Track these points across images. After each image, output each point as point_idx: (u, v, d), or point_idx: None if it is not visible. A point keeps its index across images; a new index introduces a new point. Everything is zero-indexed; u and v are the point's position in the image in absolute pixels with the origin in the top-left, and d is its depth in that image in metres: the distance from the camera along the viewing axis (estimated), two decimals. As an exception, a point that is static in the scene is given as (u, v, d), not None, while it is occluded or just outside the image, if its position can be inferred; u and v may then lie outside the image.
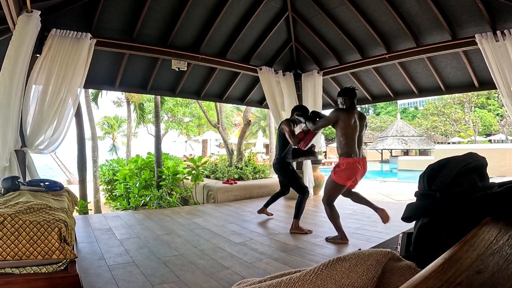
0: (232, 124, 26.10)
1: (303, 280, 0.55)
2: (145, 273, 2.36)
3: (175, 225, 4.01)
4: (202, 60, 5.06)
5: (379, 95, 6.25)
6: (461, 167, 0.78)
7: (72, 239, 1.78)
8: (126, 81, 5.20)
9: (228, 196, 6.00)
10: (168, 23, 4.55)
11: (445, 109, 24.71)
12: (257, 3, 4.79)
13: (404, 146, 24.13)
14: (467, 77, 4.86)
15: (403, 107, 44.58)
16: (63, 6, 3.71)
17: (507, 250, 0.49)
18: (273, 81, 5.83)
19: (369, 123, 35.90)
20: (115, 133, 24.02)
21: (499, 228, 0.59)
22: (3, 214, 1.62)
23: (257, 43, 5.53)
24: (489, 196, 0.74)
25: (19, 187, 2.44)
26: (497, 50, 3.71)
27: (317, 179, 6.46)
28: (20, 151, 3.39)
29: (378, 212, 3.23)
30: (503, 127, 23.35)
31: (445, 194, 0.76)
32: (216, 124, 10.04)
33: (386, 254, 0.58)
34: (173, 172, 7.40)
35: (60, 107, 3.62)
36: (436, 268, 0.43)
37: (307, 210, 4.99)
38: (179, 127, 20.02)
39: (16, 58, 3.12)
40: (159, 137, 9.10)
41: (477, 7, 3.76)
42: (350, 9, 4.63)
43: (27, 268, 1.60)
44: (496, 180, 0.96)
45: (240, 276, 2.31)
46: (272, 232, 3.63)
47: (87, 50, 3.79)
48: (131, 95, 16.61)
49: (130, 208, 6.88)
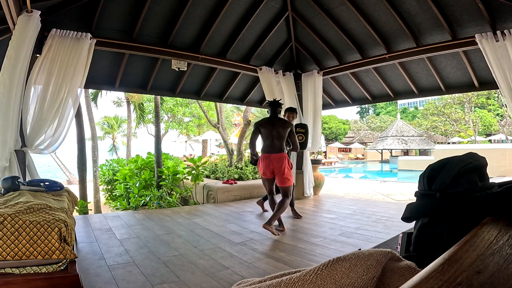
0: (232, 124, 26.10)
1: (303, 280, 0.55)
2: (145, 273, 2.36)
3: (175, 225, 4.01)
4: (202, 60, 5.06)
5: (379, 95, 6.25)
6: (461, 167, 0.78)
7: (72, 239, 1.78)
8: (126, 81, 5.20)
9: (228, 196, 6.00)
10: (168, 23, 4.55)
11: (445, 109, 24.72)
12: (257, 3, 4.80)
13: (404, 146, 24.15)
14: (467, 77, 4.86)
15: (403, 107, 44.62)
16: (63, 6, 3.71)
17: (507, 250, 0.49)
18: (273, 81, 5.84)
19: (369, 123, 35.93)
20: (115, 133, 24.03)
21: (499, 228, 0.59)
22: (3, 214, 1.62)
23: (257, 43, 5.53)
24: (489, 196, 0.74)
25: (19, 187, 2.44)
26: (497, 50, 3.71)
27: (317, 179, 6.46)
28: (20, 151, 3.39)
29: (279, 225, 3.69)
30: (503, 127, 23.35)
31: (445, 194, 0.76)
32: (216, 124, 10.04)
33: (386, 254, 0.58)
34: (173, 172, 7.40)
35: (60, 107, 3.62)
36: (436, 268, 0.43)
37: (307, 210, 4.99)
38: (179, 127, 20.03)
39: (16, 58, 3.12)
40: (159, 137, 9.10)
41: (477, 7, 3.76)
42: (350, 9, 4.63)
43: (27, 268, 1.60)
44: (496, 180, 0.96)
45: (240, 276, 2.31)
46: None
47: (87, 50, 3.79)
48: (131, 95, 16.61)
49: (130, 208, 6.88)
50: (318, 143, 6.28)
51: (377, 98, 6.40)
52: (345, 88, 6.55)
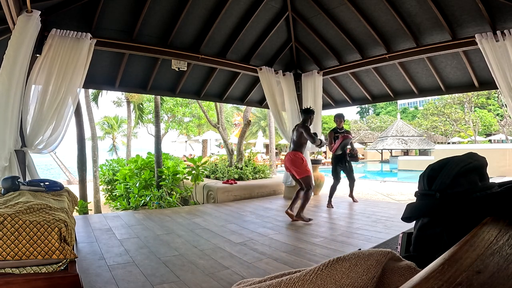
0: (232, 124, 26.10)
1: (303, 280, 0.55)
2: (145, 273, 2.36)
3: (175, 225, 4.01)
4: (202, 60, 5.06)
5: (379, 95, 6.25)
6: (461, 167, 0.78)
7: (72, 239, 1.78)
8: (126, 81, 5.20)
9: (228, 196, 6.00)
10: (168, 23, 4.55)
11: (445, 109, 24.70)
12: (257, 3, 4.80)
13: (404, 146, 24.13)
14: (467, 77, 4.86)
15: (403, 107, 44.59)
16: (63, 6, 3.71)
17: (507, 250, 0.49)
18: (273, 81, 5.83)
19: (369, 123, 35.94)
20: (115, 133, 24.03)
21: (499, 228, 0.59)
22: (3, 214, 1.62)
23: (257, 43, 5.53)
24: (489, 196, 0.74)
25: (19, 187, 2.44)
26: (497, 50, 3.71)
27: (317, 179, 6.46)
28: (20, 151, 3.38)
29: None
30: (503, 127, 23.33)
31: (445, 194, 0.76)
32: (216, 124, 10.03)
33: (386, 254, 0.58)
34: (173, 172, 7.40)
35: (60, 107, 3.62)
36: (436, 268, 0.43)
37: (307, 210, 4.99)
38: (179, 127, 20.02)
39: (15, 58, 3.11)
40: (159, 137, 9.09)
41: (477, 7, 3.76)
42: (350, 9, 4.63)
43: (27, 268, 1.60)
44: (496, 180, 0.96)
45: (240, 276, 2.31)
46: (272, 232, 3.63)
47: (87, 50, 3.79)
48: (131, 95, 16.61)
49: (130, 208, 6.87)
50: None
51: (377, 98, 6.40)
52: (345, 88, 6.55)
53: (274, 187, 6.80)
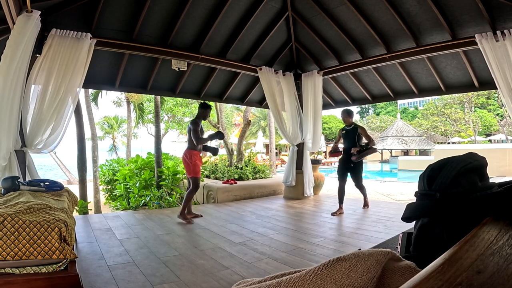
0: (232, 124, 26.09)
1: (303, 280, 0.55)
2: (145, 273, 2.36)
3: (175, 225, 4.01)
4: (202, 60, 5.06)
5: (379, 95, 6.24)
6: (461, 167, 0.78)
7: (72, 239, 1.78)
8: (126, 81, 5.20)
9: (228, 196, 6.00)
10: (168, 23, 4.55)
11: (445, 109, 24.69)
12: (257, 3, 4.79)
13: (404, 146, 24.14)
14: (467, 77, 4.85)
15: (403, 107, 44.59)
16: (63, 6, 3.71)
17: (507, 250, 0.49)
18: (273, 81, 5.83)
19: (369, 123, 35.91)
20: (115, 133, 24.03)
21: (499, 228, 0.59)
22: (3, 214, 1.62)
23: (257, 43, 5.53)
24: (489, 196, 0.74)
25: (19, 187, 2.44)
26: (497, 50, 3.71)
27: (317, 179, 6.46)
28: (20, 151, 3.38)
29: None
30: (503, 127, 23.33)
31: (445, 194, 0.76)
32: (216, 124, 10.03)
33: (386, 254, 0.58)
34: (173, 172, 7.40)
35: (60, 107, 3.61)
36: (436, 268, 0.43)
37: (307, 210, 5.00)
38: (179, 127, 20.00)
39: (12, 58, 3.08)
40: (159, 137, 9.10)
41: (477, 7, 3.75)
42: (350, 9, 4.63)
43: (27, 268, 1.60)
44: (496, 180, 0.96)
45: (240, 276, 2.31)
46: (272, 232, 3.63)
47: (87, 50, 3.79)
48: (131, 95, 16.60)
49: (130, 208, 6.87)
50: (318, 143, 6.28)
51: (377, 98, 6.40)
52: (345, 88, 6.54)
53: (274, 187, 6.80)
